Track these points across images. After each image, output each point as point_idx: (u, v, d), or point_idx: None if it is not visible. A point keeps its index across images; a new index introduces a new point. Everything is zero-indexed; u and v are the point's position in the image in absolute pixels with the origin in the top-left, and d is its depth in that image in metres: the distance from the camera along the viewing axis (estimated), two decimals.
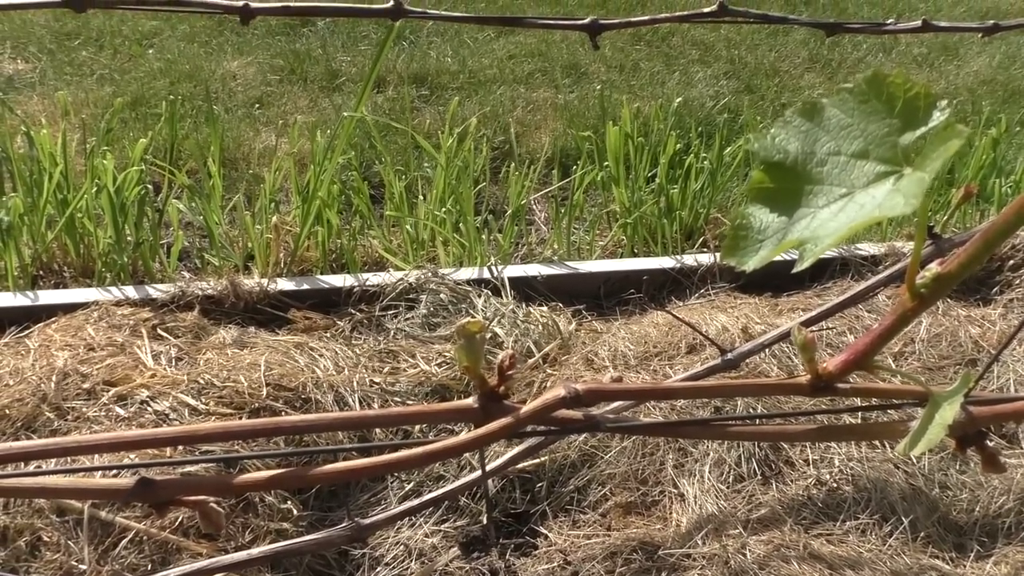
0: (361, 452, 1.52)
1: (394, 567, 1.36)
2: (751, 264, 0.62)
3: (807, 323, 1.31)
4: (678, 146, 2.18)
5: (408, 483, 1.46)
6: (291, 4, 1.27)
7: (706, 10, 1.38)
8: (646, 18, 1.47)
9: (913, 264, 0.61)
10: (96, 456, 1.22)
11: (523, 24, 1.45)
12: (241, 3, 1.22)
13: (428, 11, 1.32)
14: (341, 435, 1.46)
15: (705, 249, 2.14)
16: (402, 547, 1.38)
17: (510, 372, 0.71)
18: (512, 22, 1.47)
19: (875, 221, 0.54)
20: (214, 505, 0.66)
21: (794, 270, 0.56)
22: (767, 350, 1.58)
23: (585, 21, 1.41)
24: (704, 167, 2.20)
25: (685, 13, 1.42)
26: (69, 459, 1.22)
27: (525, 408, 0.67)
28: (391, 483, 1.47)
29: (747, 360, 1.56)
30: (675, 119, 2.28)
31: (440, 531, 1.41)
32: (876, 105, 0.59)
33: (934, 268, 0.62)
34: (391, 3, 1.26)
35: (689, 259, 1.94)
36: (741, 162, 2.24)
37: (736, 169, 2.27)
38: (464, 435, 0.66)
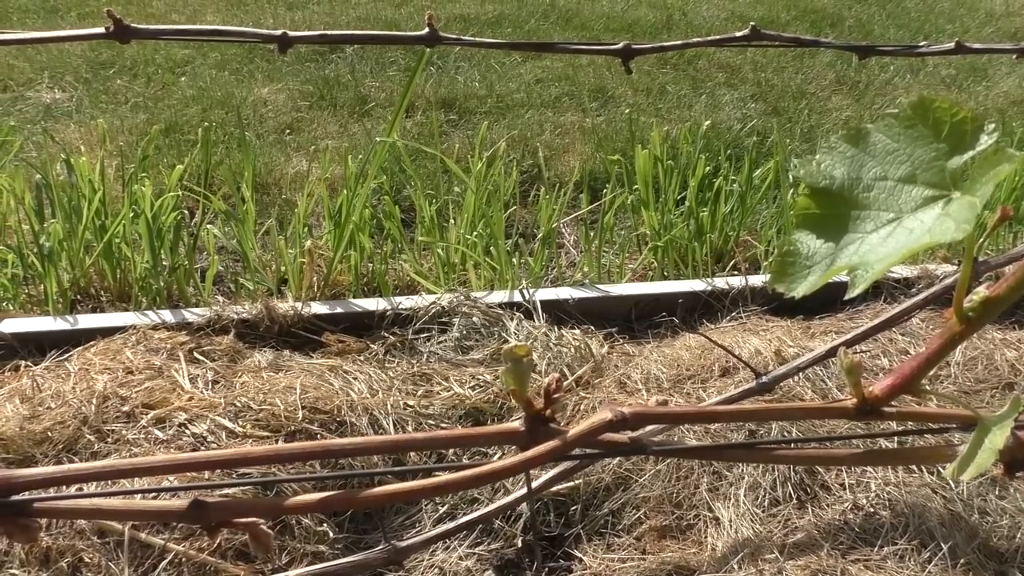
0: (397, 476, 1.53)
1: None
2: (800, 290, 0.62)
3: (834, 351, 1.31)
4: (707, 169, 2.18)
5: (442, 506, 1.47)
6: (328, 33, 1.30)
7: (738, 34, 1.39)
8: (679, 43, 1.48)
9: (961, 288, 0.61)
10: (136, 479, 1.23)
11: (556, 49, 1.47)
12: (279, 32, 1.25)
13: (462, 38, 1.34)
14: (376, 459, 1.47)
15: (735, 272, 2.14)
16: (436, 570, 1.38)
17: (556, 395, 0.72)
18: (545, 47, 1.49)
19: (926, 247, 0.54)
20: (264, 527, 0.67)
21: (847, 296, 0.57)
22: (801, 373, 1.57)
23: (618, 46, 1.42)
24: (734, 190, 2.20)
25: (718, 38, 1.43)
26: (110, 482, 1.24)
27: (572, 431, 0.68)
28: (425, 506, 1.47)
29: (781, 383, 1.56)
30: (704, 142, 2.28)
31: (475, 554, 1.41)
32: (922, 130, 0.60)
33: (982, 291, 0.62)
34: (426, 31, 1.28)
35: (720, 282, 1.93)
36: (771, 184, 2.24)
37: (765, 192, 2.27)
38: (512, 458, 0.66)
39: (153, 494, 0.80)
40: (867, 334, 1.38)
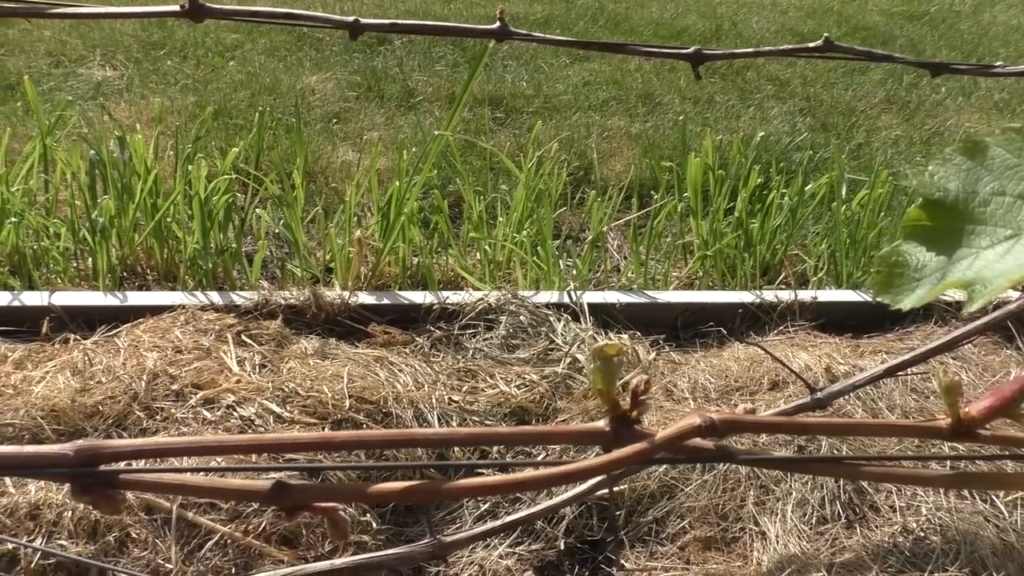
0: (439, 470, 1.52)
1: None
2: (907, 303, 0.61)
3: (898, 367, 1.29)
4: (759, 180, 2.16)
5: (483, 503, 1.46)
6: (399, 22, 1.29)
7: (811, 44, 1.37)
8: (750, 50, 1.46)
9: None
10: (184, 458, 1.23)
11: (626, 50, 1.46)
12: (352, 19, 1.25)
13: (532, 33, 1.33)
14: (421, 452, 1.46)
15: (783, 286, 2.11)
16: (476, 567, 1.38)
17: (643, 397, 0.71)
18: (615, 48, 1.48)
19: None
20: (342, 513, 0.66)
21: (964, 311, 0.55)
22: (850, 391, 1.55)
23: (689, 50, 1.41)
24: (784, 203, 2.18)
25: (791, 47, 1.41)
26: (159, 459, 1.24)
27: (660, 435, 0.67)
28: (466, 503, 1.47)
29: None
30: (755, 153, 2.26)
31: (515, 554, 1.40)
32: None
33: None
34: (497, 24, 1.27)
35: (769, 295, 1.91)
36: (822, 200, 2.22)
37: (816, 207, 2.25)
38: (597, 458, 0.65)
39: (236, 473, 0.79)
40: (924, 356, 1.36)
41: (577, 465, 0.65)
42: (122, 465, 0.64)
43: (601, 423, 0.71)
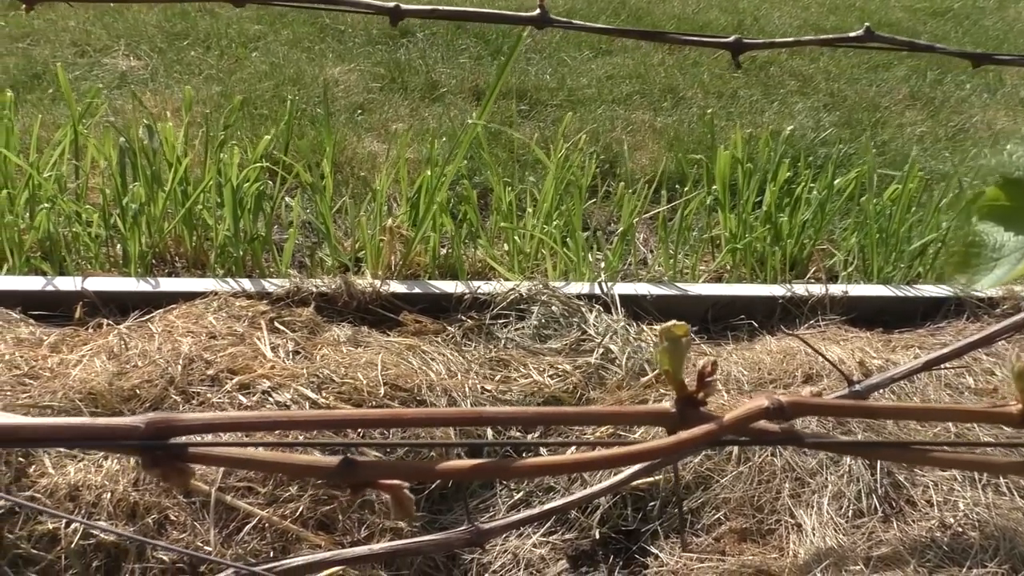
0: (471, 452, 1.51)
1: (501, 575, 1.35)
2: (984, 283, 0.60)
3: (936, 361, 1.28)
4: (788, 174, 2.15)
5: (517, 492, 1.46)
6: (439, 8, 1.29)
7: (852, 34, 1.36)
8: (790, 40, 1.45)
9: None
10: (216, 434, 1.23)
11: (666, 39, 1.45)
12: (392, 4, 1.24)
13: (572, 21, 1.32)
14: (452, 432, 1.46)
15: (812, 280, 2.10)
16: (510, 556, 1.37)
17: (710, 378, 0.70)
18: (653, 36, 1.47)
19: None
20: (406, 492, 0.66)
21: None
22: (888, 384, 1.54)
23: (729, 39, 1.40)
24: (812, 197, 2.16)
25: (831, 37, 1.41)
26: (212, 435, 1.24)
27: (728, 417, 0.66)
28: (500, 491, 1.46)
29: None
30: (784, 147, 2.25)
31: (549, 543, 1.40)
32: None
33: None
34: (537, 11, 1.27)
35: (800, 288, 1.91)
36: (851, 195, 2.21)
37: (844, 201, 2.24)
38: (666, 439, 0.65)
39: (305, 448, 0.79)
40: (961, 351, 1.35)
41: (645, 446, 0.65)
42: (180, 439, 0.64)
43: (667, 404, 0.71)
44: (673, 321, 0.69)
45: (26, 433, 0.55)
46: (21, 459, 1.25)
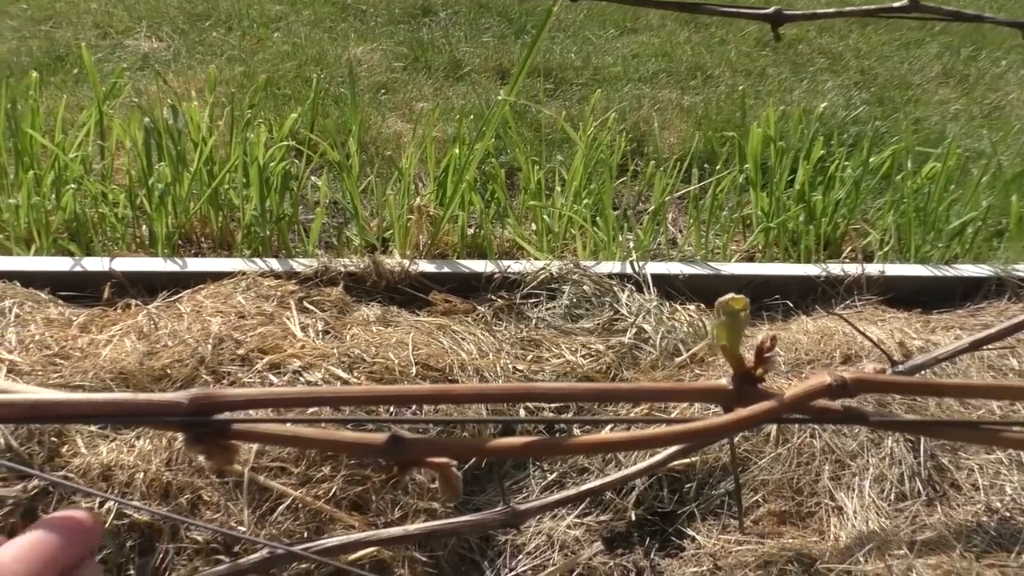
0: (504, 431, 1.49)
1: (536, 556, 1.33)
2: None
3: (983, 341, 1.24)
4: (822, 152, 2.11)
5: (550, 473, 1.44)
6: None
7: (896, 4, 1.32)
8: (831, 11, 1.41)
9: None
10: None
11: (703, 11, 1.41)
12: None
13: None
14: (484, 410, 1.44)
15: (847, 260, 2.07)
16: (544, 537, 1.36)
17: (768, 354, 0.68)
18: (690, 8, 1.43)
19: None
20: (454, 470, 0.64)
21: None
22: (933, 364, 1.51)
23: (769, 11, 1.36)
24: (845, 176, 2.12)
25: (874, 7, 1.36)
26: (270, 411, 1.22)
27: (789, 393, 0.64)
28: (533, 472, 1.44)
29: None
30: (817, 125, 2.21)
31: (583, 524, 1.38)
32: None
33: None
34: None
35: (835, 268, 1.87)
36: (887, 173, 2.16)
37: (879, 180, 2.19)
38: (726, 416, 0.62)
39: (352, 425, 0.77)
40: (1007, 332, 1.31)
41: (702, 423, 0.63)
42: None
43: (723, 380, 0.68)
44: (731, 294, 0.66)
45: (66, 409, 0.53)
46: (54, 439, 1.24)
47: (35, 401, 0.47)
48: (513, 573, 1.31)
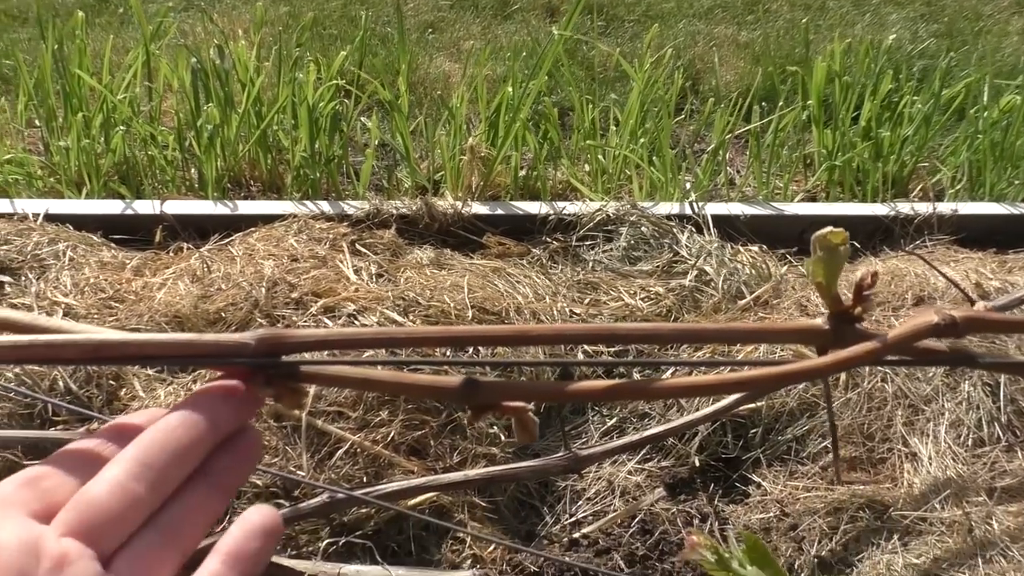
0: (562, 374, 1.46)
1: (596, 502, 1.31)
2: None
3: None
4: (891, 86, 2.01)
5: (609, 418, 1.41)
6: None
7: None
8: None
9: None
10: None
11: None
12: None
13: None
14: (540, 353, 1.41)
15: (915, 198, 1.98)
16: (605, 483, 1.33)
17: (868, 292, 0.63)
18: None
19: None
20: (531, 415, 0.60)
21: None
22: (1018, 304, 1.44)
23: None
24: (914, 112, 2.03)
25: None
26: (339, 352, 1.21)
27: (893, 333, 0.59)
28: (592, 417, 1.41)
29: None
30: (885, 59, 2.11)
31: (644, 470, 1.35)
32: None
33: None
34: None
35: (905, 207, 1.79)
36: (960, 107, 2.06)
37: (950, 116, 2.09)
38: (824, 357, 0.58)
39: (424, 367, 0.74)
40: None
41: (800, 365, 0.58)
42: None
43: (819, 320, 0.63)
44: (829, 228, 0.61)
45: (133, 349, 0.50)
46: (112, 382, 1.24)
47: (101, 341, 0.44)
48: (573, 519, 1.28)
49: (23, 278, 1.48)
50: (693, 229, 1.68)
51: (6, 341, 0.42)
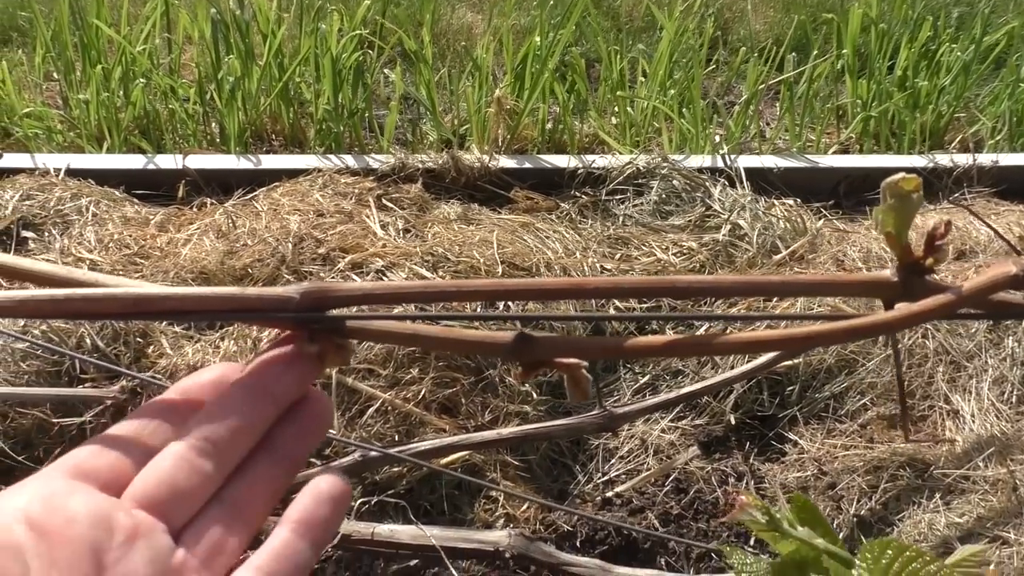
0: (595, 329, 1.43)
1: (629, 461, 1.29)
2: None
3: None
4: (928, 35, 1.95)
5: (642, 376, 1.38)
6: None
7: None
8: None
9: None
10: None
11: None
12: None
13: None
14: (572, 308, 1.38)
15: (954, 150, 1.93)
16: (638, 441, 1.31)
17: (940, 243, 0.59)
18: None
19: None
20: (584, 371, 0.58)
21: None
22: None
23: None
24: (953, 60, 1.96)
25: None
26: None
27: (968, 285, 0.55)
28: (624, 375, 1.39)
29: None
30: (923, 5, 2.04)
31: (678, 428, 1.32)
32: None
33: None
34: None
35: (943, 158, 1.74)
36: (1000, 55, 2.00)
37: (989, 64, 2.02)
38: (895, 311, 0.55)
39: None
40: None
41: (870, 319, 0.55)
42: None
43: (887, 272, 0.60)
44: (901, 174, 0.57)
45: (172, 304, 0.47)
46: (139, 339, 1.22)
47: (141, 295, 0.41)
48: (606, 478, 1.27)
49: (46, 234, 1.46)
50: (726, 182, 1.64)
51: (44, 295, 0.39)
